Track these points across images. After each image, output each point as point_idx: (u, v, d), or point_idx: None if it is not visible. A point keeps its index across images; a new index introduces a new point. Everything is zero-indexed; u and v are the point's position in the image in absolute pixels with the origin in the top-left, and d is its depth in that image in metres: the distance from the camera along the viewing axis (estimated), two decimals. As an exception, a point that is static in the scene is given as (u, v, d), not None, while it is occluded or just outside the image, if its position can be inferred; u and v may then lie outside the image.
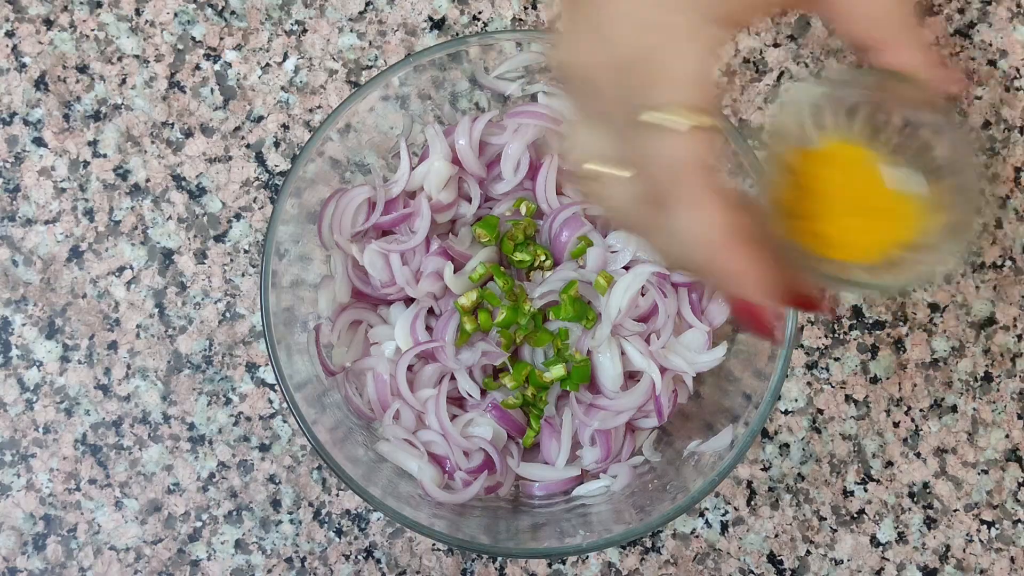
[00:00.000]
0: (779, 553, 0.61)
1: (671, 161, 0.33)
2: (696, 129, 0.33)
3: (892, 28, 0.37)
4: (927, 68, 0.37)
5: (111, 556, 0.59)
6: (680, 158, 0.33)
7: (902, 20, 0.37)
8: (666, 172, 0.34)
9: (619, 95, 0.35)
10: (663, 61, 0.34)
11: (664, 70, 0.34)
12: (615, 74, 0.34)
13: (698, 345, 0.57)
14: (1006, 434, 0.62)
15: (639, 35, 0.34)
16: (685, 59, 0.34)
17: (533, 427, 0.56)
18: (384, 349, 0.56)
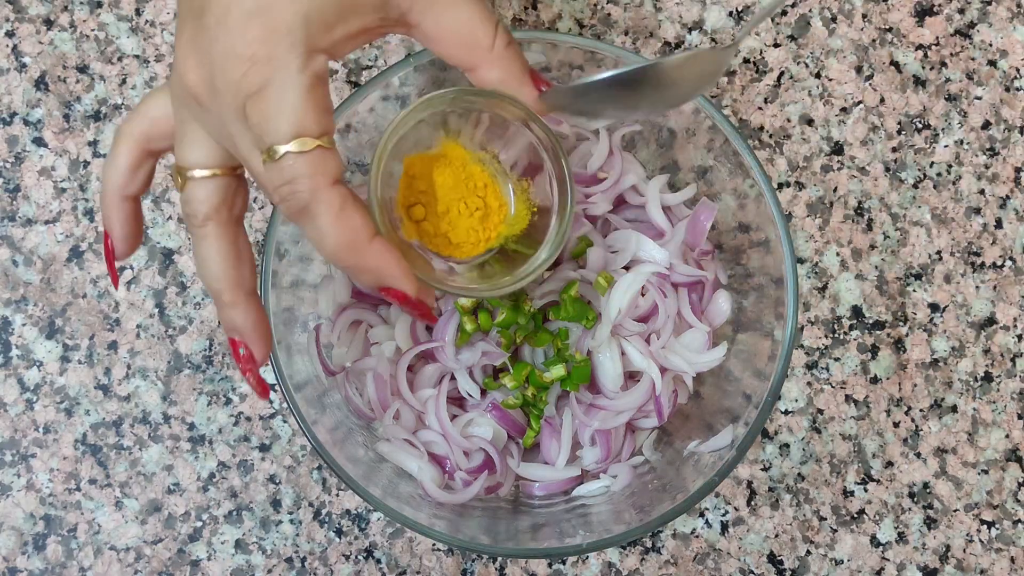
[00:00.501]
0: (779, 553, 0.61)
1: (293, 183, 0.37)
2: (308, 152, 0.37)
3: (477, 51, 0.42)
4: (510, 85, 0.43)
5: (111, 556, 0.59)
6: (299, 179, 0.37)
7: (486, 44, 0.42)
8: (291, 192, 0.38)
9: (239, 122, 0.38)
10: (274, 97, 0.37)
11: (276, 105, 0.37)
12: (232, 101, 0.37)
13: (698, 345, 0.57)
14: (1006, 434, 0.62)
15: (246, 69, 0.37)
16: (295, 91, 0.37)
17: (533, 427, 0.56)
18: (384, 349, 0.56)
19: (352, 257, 0.39)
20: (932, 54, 0.65)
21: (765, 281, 0.54)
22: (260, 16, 0.37)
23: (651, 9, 0.64)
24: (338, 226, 0.38)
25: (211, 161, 0.41)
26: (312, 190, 0.37)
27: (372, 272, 0.39)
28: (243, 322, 0.42)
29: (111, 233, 0.44)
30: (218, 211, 0.41)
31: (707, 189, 0.57)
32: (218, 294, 0.42)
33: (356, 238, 0.39)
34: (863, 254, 0.63)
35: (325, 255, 0.39)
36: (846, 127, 0.64)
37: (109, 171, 0.44)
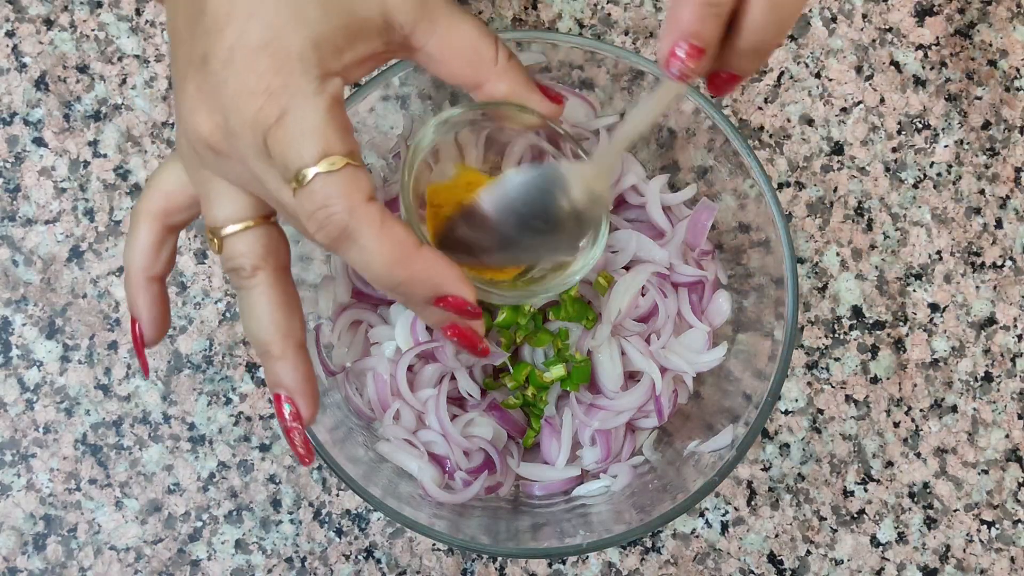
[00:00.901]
0: (779, 553, 0.61)
1: (328, 205, 0.36)
2: (338, 171, 0.36)
3: (483, 67, 0.42)
4: (520, 95, 0.43)
5: (111, 556, 0.59)
6: (334, 199, 0.36)
7: (491, 57, 0.42)
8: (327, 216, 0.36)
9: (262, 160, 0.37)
10: (294, 123, 0.36)
11: (297, 130, 0.36)
12: (252, 139, 0.36)
13: (698, 345, 0.57)
14: (1006, 434, 0.62)
15: (261, 103, 0.36)
16: (315, 113, 0.36)
17: (533, 427, 0.56)
18: (384, 349, 0.56)
19: (403, 269, 0.37)
20: (932, 54, 0.65)
21: (765, 281, 0.54)
22: (268, 48, 0.36)
23: (651, 9, 0.64)
24: (383, 240, 0.37)
25: (243, 213, 0.40)
26: (349, 208, 0.36)
27: (427, 282, 0.38)
28: (292, 377, 0.41)
29: (139, 318, 0.43)
30: (265, 260, 0.40)
31: (707, 189, 0.57)
32: (267, 347, 0.40)
33: (404, 249, 0.37)
34: (863, 254, 0.63)
35: (374, 276, 0.37)
36: (846, 127, 0.64)
37: (131, 254, 0.42)
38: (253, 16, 0.36)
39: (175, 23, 0.39)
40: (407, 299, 0.39)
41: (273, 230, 0.40)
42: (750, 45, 0.38)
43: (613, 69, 0.55)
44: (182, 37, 0.38)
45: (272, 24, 0.36)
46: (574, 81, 0.57)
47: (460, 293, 0.39)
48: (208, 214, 0.40)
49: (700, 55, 0.37)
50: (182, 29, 0.38)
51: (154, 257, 0.43)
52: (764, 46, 0.38)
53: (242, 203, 0.40)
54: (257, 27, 0.36)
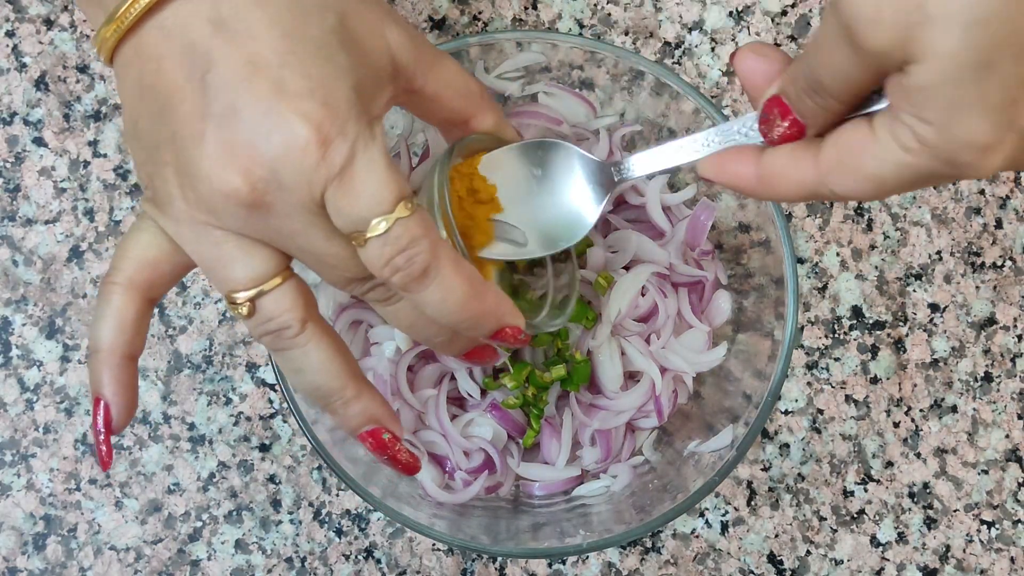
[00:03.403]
0: (779, 553, 0.61)
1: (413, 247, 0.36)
2: (414, 213, 0.36)
3: (474, 100, 0.44)
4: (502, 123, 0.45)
5: (111, 556, 0.59)
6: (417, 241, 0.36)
7: (479, 91, 0.44)
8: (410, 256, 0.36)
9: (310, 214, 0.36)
10: (360, 175, 0.35)
11: (368, 176, 0.35)
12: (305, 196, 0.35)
13: (698, 345, 0.57)
14: (1006, 434, 0.62)
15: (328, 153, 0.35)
16: (381, 158, 0.36)
17: (533, 427, 0.56)
18: (384, 349, 0.56)
19: (478, 303, 0.37)
20: (932, 54, 0.65)
21: (765, 281, 0.54)
22: (315, 96, 0.35)
23: (651, 9, 0.64)
24: (461, 276, 0.37)
25: (268, 270, 0.38)
26: (432, 248, 0.36)
27: (494, 314, 0.38)
28: (375, 408, 0.41)
29: (110, 401, 0.39)
30: (308, 311, 0.39)
31: (707, 189, 0.57)
32: (338, 395, 0.40)
33: (477, 284, 0.38)
34: (863, 254, 0.63)
35: (450, 310, 0.37)
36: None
37: (106, 331, 0.39)
38: (286, 66, 0.35)
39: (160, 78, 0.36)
40: (471, 331, 0.39)
41: (299, 279, 0.39)
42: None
43: (613, 69, 0.55)
44: (181, 92, 0.35)
45: (310, 73, 0.35)
46: (574, 81, 0.57)
47: (519, 323, 0.40)
48: (227, 278, 0.38)
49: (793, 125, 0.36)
50: (180, 81, 0.35)
51: (133, 335, 0.39)
52: None
53: (266, 260, 0.38)
54: (295, 77, 0.35)
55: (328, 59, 0.36)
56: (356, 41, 0.37)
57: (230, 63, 0.35)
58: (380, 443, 0.41)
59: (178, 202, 0.37)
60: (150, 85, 0.36)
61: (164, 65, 0.36)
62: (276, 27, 0.35)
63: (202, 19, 0.35)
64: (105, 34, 0.37)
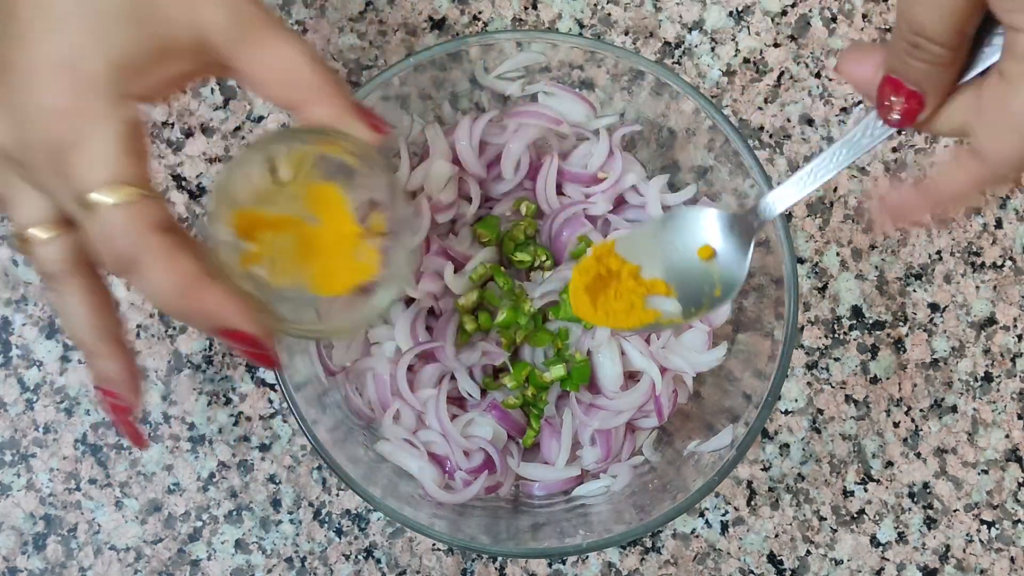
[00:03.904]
0: (779, 553, 0.61)
1: (115, 235, 0.36)
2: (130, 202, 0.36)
3: (302, 89, 0.40)
4: (342, 120, 0.41)
5: (111, 556, 0.59)
6: (121, 231, 0.36)
7: (311, 81, 0.40)
8: (115, 245, 0.37)
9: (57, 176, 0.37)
10: (87, 149, 0.36)
11: (90, 156, 0.36)
12: (46, 156, 0.37)
13: (698, 345, 0.57)
14: (1006, 434, 0.62)
15: (56, 122, 0.36)
16: (106, 140, 0.36)
17: (533, 427, 0.56)
18: (384, 349, 0.56)
19: (184, 302, 0.37)
20: (932, 54, 0.65)
21: (765, 281, 0.54)
22: (68, 67, 0.36)
23: (651, 9, 0.64)
24: (167, 272, 0.37)
25: (48, 216, 0.40)
26: (135, 239, 0.36)
27: (209, 316, 0.38)
28: (115, 371, 0.42)
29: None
30: (76, 267, 0.41)
31: (707, 189, 0.57)
32: (86, 346, 0.42)
33: (188, 282, 0.37)
34: (863, 254, 0.63)
35: (157, 304, 0.38)
36: (846, 127, 0.64)
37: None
38: (57, 31, 0.36)
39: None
40: (193, 326, 0.40)
41: (80, 235, 0.40)
42: None
43: (613, 69, 0.55)
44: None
45: (74, 42, 0.36)
46: (574, 81, 0.57)
47: (242, 327, 0.39)
48: (13, 215, 0.40)
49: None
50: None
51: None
52: None
53: (47, 207, 0.40)
54: (60, 43, 0.36)
55: (99, 29, 0.37)
56: (150, 15, 0.38)
57: (21, 20, 0.37)
58: (108, 405, 0.42)
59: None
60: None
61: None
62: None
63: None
64: None
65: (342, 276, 0.43)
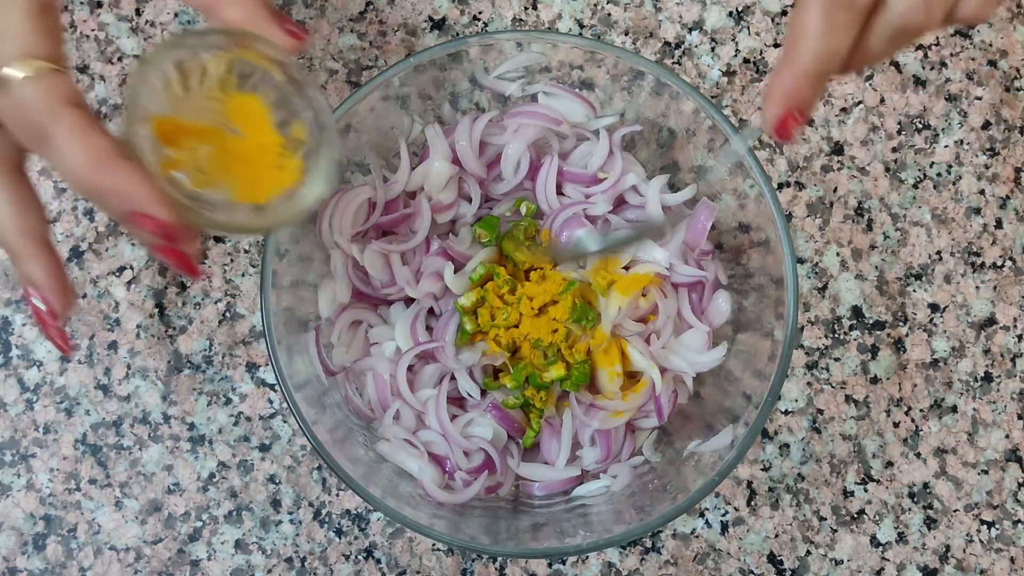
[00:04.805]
0: (779, 553, 0.61)
1: (28, 108, 0.36)
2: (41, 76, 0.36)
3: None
4: (255, 23, 0.41)
5: (111, 556, 0.59)
6: (34, 103, 0.36)
7: None
8: (28, 118, 0.36)
9: None
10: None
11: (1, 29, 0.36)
12: None
13: (698, 345, 0.57)
14: (1006, 434, 0.62)
15: None
16: (19, 14, 0.36)
17: (533, 427, 0.56)
18: (384, 349, 0.56)
19: (100, 178, 0.37)
20: (932, 54, 0.65)
21: (765, 281, 0.54)
22: None
23: (651, 9, 0.64)
24: (80, 145, 0.37)
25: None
26: (48, 111, 0.36)
27: (121, 195, 0.37)
28: (40, 273, 0.41)
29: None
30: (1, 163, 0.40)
31: (707, 189, 0.57)
32: (10, 247, 0.41)
33: (103, 159, 0.37)
34: (863, 254, 0.63)
35: (70, 180, 0.38)
36: (846, 127, 0.64)
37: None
38: None
39: None
40: (106, 210, 0.38)
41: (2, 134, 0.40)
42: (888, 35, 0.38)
43: (613, 69, 0.55)
44: None
45: None
46: (574, 81, 0.57)
47: (153, 212, 0.37)
48: None
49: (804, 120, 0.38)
50: None
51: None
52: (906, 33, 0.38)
53: None
54: None
55: None
56: None
57: None
58: (33, 309, 0.41)
59: None
60: None
61: None
62: None
63: None
64: None
65: (265, 185, 0.43)
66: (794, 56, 0.37)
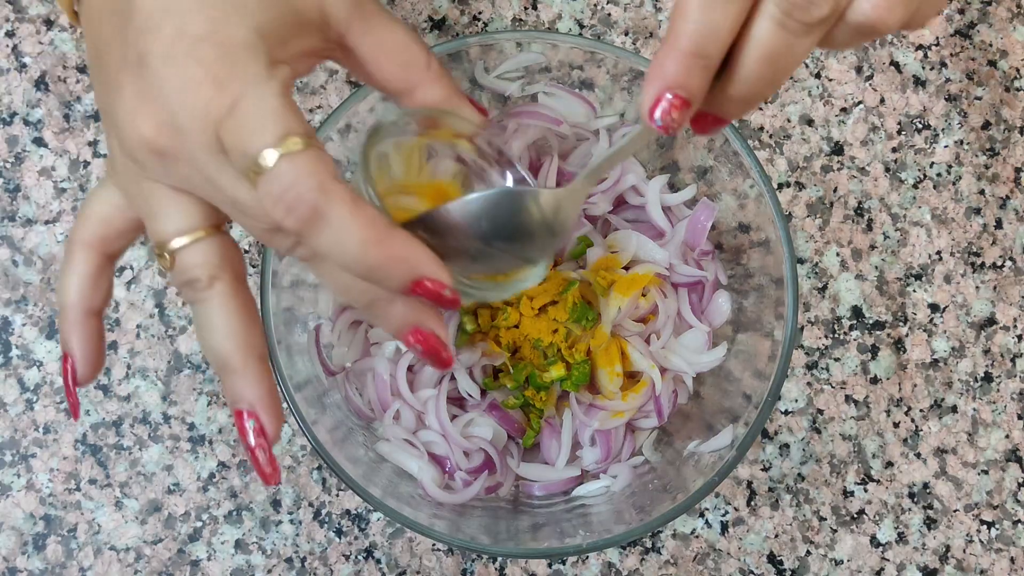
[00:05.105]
0: (779, 553, 0.61)
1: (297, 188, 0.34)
2: (301, 152, 0.34)
3: (419, 69, 0.41)
4: (453, 101, 0.42)
5: (111, 556, 0.59)
6: (303, 182, 0.34)
7: (426, 60, 0.41)
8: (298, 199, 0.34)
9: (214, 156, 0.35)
10: (249, 109, 0.34)
11: (254, 115, 0.34)
12: (201, 134, 0.35)
13: (698, 345, 0.57)
14: (1006, 434, 0.62)
15: (209, 93, 0.34)
16: (271, 97, 0.35)
17: (533, 427, 0.56)
18: (384, 349, 0.56)
19: (381, 248, 0.34)
20: (932, 54, 0.65)
21: (765, 281, 0.54)
22: (211, 38, 0.35)
23: (651, 9, 0.64)
24: (359, 218, 0.34)
25: (194, 223, 0.38)
26: (319, 187, 0.34)
27: (404, 261, 0.35)
28: (255, 391, 0.39)
29: (73, 355, 0.40)
30: (222, 269, 0.38)
31: (707, 189, 0.57)
32: (226, 361, 0.39)
33: (379, 228, 0.34)
34: (863, 254, 0.63)
35: (350, 257, 0.35)
36: (846, 127, 0.64)
37: (67, 287, 0.40)
38: (192, 10, 0.35)
39: (98, 31, 0.37)
40: (384, 283, 0.36)
41: (227, 239, 0.39)
42: (740, 95, 0.36)
43: (613, 69, 0.55)
44: (109, 44, 0.36)
45: (213, 16, 0.35)
46: (574, 81, 0.57)
47: (438, 275, 0.36)
48: (155, 229, 0.38)
49: (685, 107, 0.35)
50: (108, 36, 0.37)
51: (92, 289, 0.40)
52: (754, 97, 0.36)
53: (191, 212, 0.38)
54: (198, 20, 0.35)
55: (234, 2, 0.36)
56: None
57: (143, 11, 0.35)
58: (242, 430, 0.39)
59: (116, 154, 0.38)
60: (94, 44, 0.38)
61: (103, 20, 0.37)
62: None
63: None
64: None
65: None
66: (671, 34, 0.34)
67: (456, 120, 0.43)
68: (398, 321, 0.39)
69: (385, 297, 0.38)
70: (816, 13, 0.33)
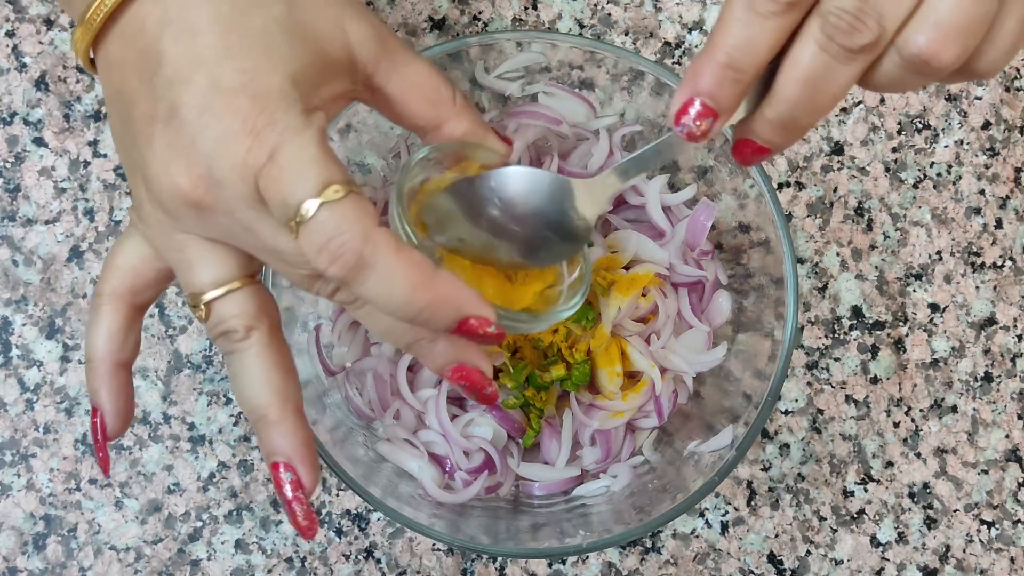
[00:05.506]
0: (779, 553, 0.61)
1: (340, 237, 0.34)
2: (341, 200, 0.34)
3: (444, 106, 0.42)
4: (479, 134, 0.43)
5: (111, 556, 0.59)
6: (346, 230, 0.34)
7: (451, 96, 0.42)
8: (342, 248, 0.34)
9: (253, 207, 0.35)
10: (288, 158, 0.34)
11: (294, 164, 0.34)
12: (239, 186, 0.34)
13: (698, 345, 0.57)
14: (1006, 434, 0.62)
15: (246, 144, 0.34)
16: (310, 145, 0.34)
17: (533, 427, 0.56)
18: (384, 349, 0.56)
19: (427, 292, 0.34)
20: (932, 54, 0.65)
21: (765, 281, 0.54)
22: (246, 89, 0.34)
23: (651, 9, 0.64)
24: (404, 263, 0.34)
25: (228, 274, 0.38)
26: (363, 235, 0.34)
27: (451, 302, 0.35)
28: (291, 443, 0.38)
29: (103, 409, 0.40)
30: (259, 319, 0.38)
31: (707, 189, 0.57)
32: (263, 411, 0.38)
33: (425, 271, 0.34)
34: (863, 254, 0.63)
35: (397, 302, 0.34)
36: (846, 127, 0.64)
37: (96, 340, 0.40)
38: (223, 62, 0.35)
39: (120, 82, 0.37)
40: (431, 325, 0.36)
41: (261, 289, 0.39)
42: (778, 117, 0.35)
43: (613, 69, 0.55)
44: (135, 95, 0.36)
45: (245, 67, 0.35)
46: (574, 81, 0.57)
47: (483, 313, 0.36)
48: (189, 281, 0.38)
49: (712, 116, 0.35)
50: (133, 87, 0.36)
51: (121, 343, 0.40)
52: (792, 122, 0.35)
53: (226, 263, 0.38)
54: (230, 71, 0.35)
55: (265, 49, 0.35)
56: (305, 30, 0.37)
57: (173, 63, 0.35)
58: (279, 484, 0.38)
59: (146, 206, 0.37)
60: (117, 91, 0.37)
61: (125, 71, 0.36)
62: (217, 22, 0.35)
63: (153, 21, 0.36)
64: (76, 37, 0.37)
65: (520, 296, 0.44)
66: (708, 45, 0.34)
67: (483, 152, 0.44)
68: (442, 360, 0.39)
69: (428, 336, 0.38)
70: (859, 40, 0.33)
